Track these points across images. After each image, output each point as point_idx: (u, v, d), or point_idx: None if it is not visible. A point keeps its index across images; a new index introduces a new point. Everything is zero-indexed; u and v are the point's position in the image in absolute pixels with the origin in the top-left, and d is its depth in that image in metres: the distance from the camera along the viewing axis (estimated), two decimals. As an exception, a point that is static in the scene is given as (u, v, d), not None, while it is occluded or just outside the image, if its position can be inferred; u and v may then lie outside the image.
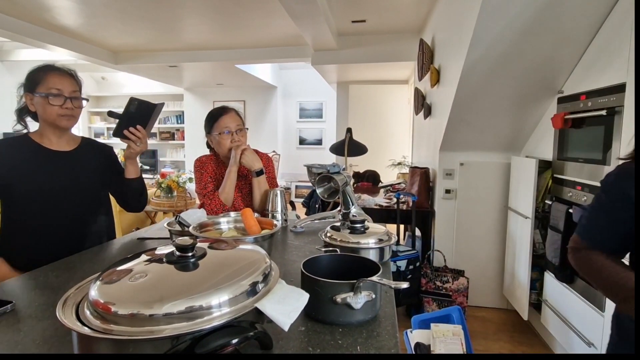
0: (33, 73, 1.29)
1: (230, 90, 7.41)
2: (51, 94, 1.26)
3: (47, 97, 1.26)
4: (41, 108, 1.29)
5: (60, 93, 1.28)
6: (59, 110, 1.28)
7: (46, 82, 1.27)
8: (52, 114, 1.28)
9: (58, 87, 1.27)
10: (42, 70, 1.29)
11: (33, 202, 1.28)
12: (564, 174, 2.18)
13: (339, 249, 1.01)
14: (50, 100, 1.27)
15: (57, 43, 4.17)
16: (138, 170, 1.47)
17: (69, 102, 1.29)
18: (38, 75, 1.28)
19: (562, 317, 2.12)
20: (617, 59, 1.74)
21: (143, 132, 1.37)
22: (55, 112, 1.28)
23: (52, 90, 1.27)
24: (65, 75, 1.31)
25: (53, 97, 1.27)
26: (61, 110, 1.29)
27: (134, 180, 1.45)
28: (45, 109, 1.28)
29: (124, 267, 0.65)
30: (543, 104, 2.39)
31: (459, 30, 2.18)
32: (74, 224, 1.35)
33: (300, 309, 0.63)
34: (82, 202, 1.37)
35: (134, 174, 1.45)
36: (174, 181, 4.28)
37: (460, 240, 2.97)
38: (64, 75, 1.31)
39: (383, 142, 5.87)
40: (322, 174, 1.52)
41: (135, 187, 1.46)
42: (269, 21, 3.75)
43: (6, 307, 0.81)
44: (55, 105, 1.27)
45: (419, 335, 1.77)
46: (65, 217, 1.33)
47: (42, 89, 1.27)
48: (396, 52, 4.19)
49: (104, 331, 0.53)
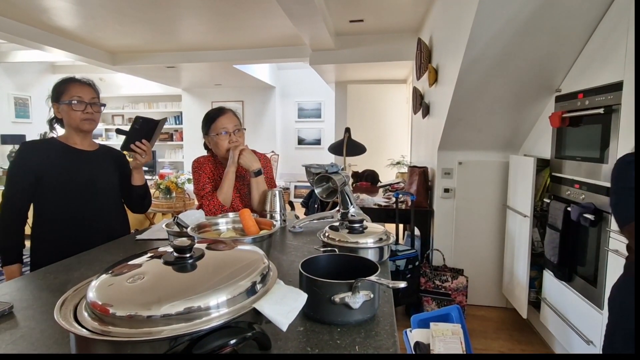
0: (58, 85, 1.48)
1: (228, 90, 7.40)
2: (73, 101, 1.44)
3: (71, 104, 1.44)
4: (66, 114, 1.47)
5: (81, 100, 1.46)
6: (82, 115, 1.46)
7: (69, 91, 1.45)
8: (76, 119, 1.46)
9: (79, 95, 1.46)
10: (65, 82, 1.48)
11: (62, 194, 1.43)
12: (562, 173, 2.18)
13: (338, 249, 1.01)
14: (73, 106, 1.44)
15: (55, 44, 4.16)
16: (143, 178, 1.64)
17: (89, 107, 1.48)
18: (62, 87, 1.47)
19: (561, 315, 2.12)
20: (614, 57, 1.75)
21: (148, 145, 1.52)
22: (78, 117, 1.46)
23: (74, 98, 1.45)
24: (85, 85, 1.50)
25: (76, 103, 1.44)
26: (83, 115, 1.46)
27: (139, 186, 1.62)
28: (70, 115, 1.46)
29: (122, 269, 0.64)
30: (541, 102, 2.40)
31: (457, 29, 2.19)
32: (97, 215, 1.51)
33: (298, 309, 0.63)
34: (103, 195, 1.54)
35: (139, 181, 1.62)
36: (173, 182, 4.28)
37: (459, 239, 2.97)
38: (83, 85, 1.49)
39: (382, 141, 5.87)
40: (321, 174, 1.52)
41: (140, 193, 1.64)
42: (267, 21, 3.75)
43: (4, 309, 0.81)
44: (77, 110, 1.45)
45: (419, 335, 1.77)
46: (90, 208, 1.49)
47: (65, 98, 1.45)
48: (394, 51, 4.19)
49: (102, 333, 0.53)
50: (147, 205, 1.71)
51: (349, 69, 4.81)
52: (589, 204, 1.86)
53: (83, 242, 1.38)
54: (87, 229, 1.47)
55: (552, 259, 2.13)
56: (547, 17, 1.84)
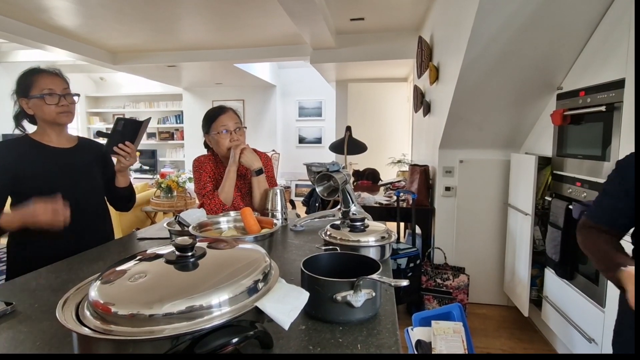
0: (22, 79, 1.34)
1: (229, 89, 7.40)
2: (45, 94, 1.31)
3: (43, 97, 1.31)
4: (39, 109, 1.33)
5: (53, 92, 1.32)
6: (56, 108, 1.34)
7: (37, 84, 1.32)
8: (51, 113, 1.33)
9: (50, 87, 1.32)
10: (30, 74, 1.33)
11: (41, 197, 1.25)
12: (563, 171, 2.18)
13: (339, 248, 1.01)
14: (46, 100, 1.31)
15: (55, 44, 4.16)
16: (128, 180, 1.56)
17: (64, 99, 1.35)
18: (28, 80, 1.33)
19: (562, 313, 2.12)
20: (615, 54, 1.74)
21: (132, 147, 1.44)
22: (53, 111, 1.33)
23: (45, 91, 1.31)
24: (53, 75, 1.36)
25: (48, 96, 1.31)
26: (58, 107, 1.34)
27: (124, 188, 1.54)
28: (43, 109, 1.33)
29: (123, 268, 0.64)
30: (542, 100, 2.39)
31: (458, 27, 2.18)
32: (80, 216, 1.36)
33: (300, 307, 0.63)
34: (86, 194, 1.43)
35: (124, 183, 1.53)
36: (174, 181, 4.28)
37: (461, 237, 2.97)
38: (52, 75, 1.35)
39: (382, 140, 5.87)
40: (322, 173, 1.52)
41: (124, 195, 1.56)
42: (267, 20, 3.74)
43: (6, 308, 0.81)
44: (51, 104, 1.32)
45: (420, 333, 1.77)
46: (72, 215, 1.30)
47: (35, 91, 1.31)
48: (395, 49, 4.18)
49: (104, 332, 0.53)
50: (131, 206, 1.63)
51: (349, 67, 4.80)
52: (590, 202, 1.85)
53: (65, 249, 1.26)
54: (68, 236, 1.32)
55: (553, 257, 2.13)
56: (548, 14, 1.83)
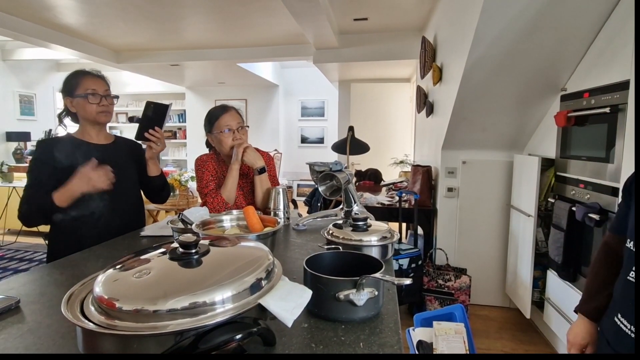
0: (70, 79, 1.45)
1: (231, 89, 7.41)
2: (89, 94, 1.43)
3: (86, 97, 1.42)
4: (81, 108, 1.45)
5: (95, 92, 1.44)
6: (97, 108, 1.45)
7: (82, 85, 1.43)
8: (92, 112, 1.45)
9: (93, 88, 1.44)
10: (77, 76, 1.45)
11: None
12: (567, 172, 2.17)
13: (342, 247, 1.01)
14: (89, 99, 1.43)
15: (60, 42, 4.18)
16: (159, 169, 1.62)
17: (104, 100, 1.47)
18: (74, 80, 1.44)
19: (564, 315, 2.11)
20: (620, 56, 1.73)
21: (161, 132, 1.51)
22: (94, 110, 1.45)
23: (89, 91, 1.43)
24: (96, 77, 1.48)
25: (91, 96, 1.43)
26: (99, 107, 1.45)
27: (156, 177, 1.61)
28: (86, 108, 1.44)
29: (127, 264, 0.65)
30: (546, 101, 2.39)
31: (461, 28, 2.18)
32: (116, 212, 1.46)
33: (303, 305, 0.63)
34: (125, 188, 1.51)
35: (155, 172, 1.59)
36: (176, 180, 4.29)
37: (463, 238, 2.97)
38: (95, 78, 1.47)
39: (385, 140, 5.86)
40: (324, 172, 1.52)
41: (158, 184, 1.63)
42: (271, 20, 3.74)
43: (11, 303, 0.82)
44: (93, 103, 1.44)
45: (422, 333, 1.77)
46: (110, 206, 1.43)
47: (80, 91, 1.43)
48: (398, 50, 4.18)
49: (108, 327, 0.53)
50: (165, 196, 1.70)
51: (352, 67, 4.80)
52: (594, 203, 1.85)
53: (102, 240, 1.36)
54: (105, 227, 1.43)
55: (556, 259, 2.12)
56: (553, 16, 1.83)
